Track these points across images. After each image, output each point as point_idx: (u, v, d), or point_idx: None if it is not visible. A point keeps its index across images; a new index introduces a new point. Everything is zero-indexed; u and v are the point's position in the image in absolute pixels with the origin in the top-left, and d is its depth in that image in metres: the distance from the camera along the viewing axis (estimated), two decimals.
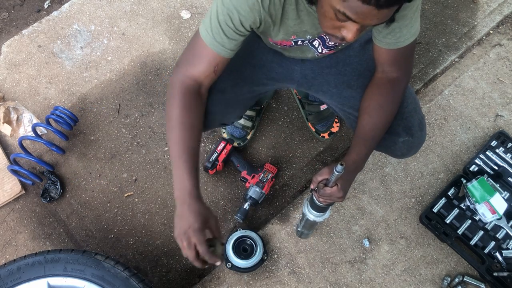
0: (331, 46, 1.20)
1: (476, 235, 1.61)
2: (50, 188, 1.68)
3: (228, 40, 1.07)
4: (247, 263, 1.52)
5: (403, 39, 1.13)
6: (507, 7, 2.17)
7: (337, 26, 0.92)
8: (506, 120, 1.89)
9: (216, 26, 1.05)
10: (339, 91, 1.37)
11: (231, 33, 1.06)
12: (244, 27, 1.05)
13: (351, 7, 0.84)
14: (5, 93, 1.88)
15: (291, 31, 1.10)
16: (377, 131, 1.21)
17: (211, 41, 1.07)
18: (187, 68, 1.12)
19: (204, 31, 1.08)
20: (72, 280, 1.24)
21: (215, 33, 1.06)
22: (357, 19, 0.86)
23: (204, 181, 1.75)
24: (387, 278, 1.58)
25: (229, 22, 1.03)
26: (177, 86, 1.12)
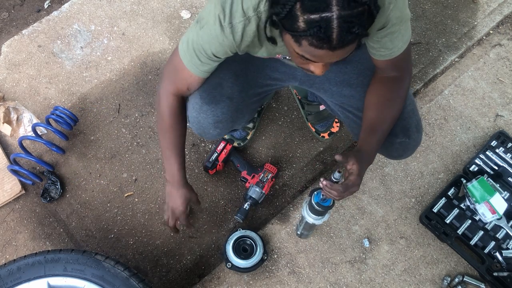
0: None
1: (476, 235, 1.61)
2: (50, 188, 1.68)
3: (202, 65, 1.16)
4: (247, 263, 1.52)
5: (396, 49, 1.14)
6: (507, 7, 2.17)
7: (304, 63, 0.96)
8: (506, 120, 1.89)
9: (191, 54, 1.14)
10: (340, 89, 1.38)
11: (205, 59, 1.14)
12: (216, 57, 1.13)
13: (307, 51, 0.87)
14: (5, 93, 1.88)
15: (273, 52, 1.15)
16: (386, 125, 1.21)
17: (188, 63, 1.16)
18: (168, 83, 1.25)
19: (182, 51, 1.16)
20: (72, 280, 1.24)
21: (191, 57, 1.15)
22: (316, 60, 0.90)
23: (204, 181, 1.75)
24: (387, 278, 1.58)
25: (203, 52, 1.11)
26: (163, 97, 1.27)
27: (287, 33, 0.89)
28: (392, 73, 1.22)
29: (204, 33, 1.07)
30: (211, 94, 1.30)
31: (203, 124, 1.33)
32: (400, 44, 1.14)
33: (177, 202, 1.37)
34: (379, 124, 1.21)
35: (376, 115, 1.21)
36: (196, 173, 1.76)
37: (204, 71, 1.19)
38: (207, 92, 1.30)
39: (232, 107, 1.31)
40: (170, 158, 1.32)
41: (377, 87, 1.24)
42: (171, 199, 1.38)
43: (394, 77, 1.22)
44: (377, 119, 1.21)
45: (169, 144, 1.31)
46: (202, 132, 1.38)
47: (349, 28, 0.81)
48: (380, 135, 1.21)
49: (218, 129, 1.35)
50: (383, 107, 1.22)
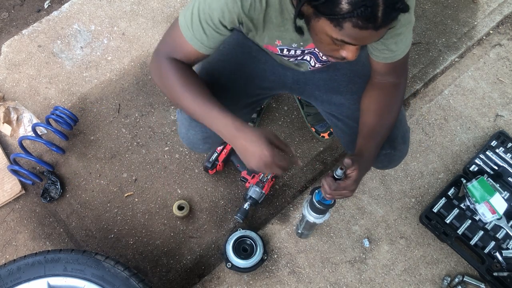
0: (324, 61, 1.21)
1: (476, 235, 1.61)
2: (50, 188, 1.68)
3: (208, 38, 1.06)
4: (247, 263, 1.52)
5: (399, 52, 1.14)
6: (507, 7, 2.17)
7: (335, 49, 0.93)
8: (506, 120, 1.89)
9: (197, 24, 1.04)
10: (329, 97, 1.39)
11: (211, 31, 1.05)
12: (223, 26, 1.04)
13: (350, 34, 0.85)
14: (5, 93, 1.88)
15: (275, 35, 1.10)
16: (384, 130, 1.20)
17: (191, 37, 1.07)
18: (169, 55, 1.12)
19: (184, 25, 1.07)
20: (72, 280, 1.24)
21: (195, 30, 1.05)
22: (356, 43, 0.88)
23: (204, 181, 1.75)
24: (387, 278, 1.58)
25: (209, 20, 1.03)
26: (164, 62, 1.11)
27: (321, 19, 0.86)
28: (390, 78, 1.22)
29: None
30: None
31: (193, 140, 1.33)
32: (403, 47, 1.14)
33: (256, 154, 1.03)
34: (378, 129, 1.19)
35: (374, 121, 1.20)
36: (196, 173, 1.76)
37: (208, 47, 1.09)
38: None
39: None
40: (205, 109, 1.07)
41: (375, 93, 1.23)
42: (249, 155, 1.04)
43: (391, 83, 1.22)
44: (375, 125, 1.20)
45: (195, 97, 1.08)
46: (192, 147, 1.38)
47: (393, 5, 0.80)
48: (378, 140, 1.19)
49: (208, 144, 1.35)
50: (381, 113, 1.21)
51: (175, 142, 1.81)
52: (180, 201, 1.67)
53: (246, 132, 1.03)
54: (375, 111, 1.21)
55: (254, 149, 1.02)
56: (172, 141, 1.82)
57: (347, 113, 1.36)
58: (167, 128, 1.84)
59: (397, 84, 1.22)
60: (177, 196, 1.72)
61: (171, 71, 1.10)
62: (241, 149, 1.05)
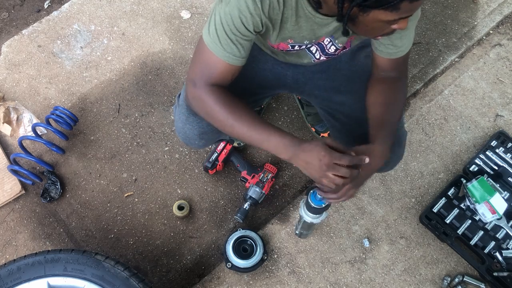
0: (331, 53, 1.21)
1: (476, 235, 1.61)
2: (50, 188, 1.68)
3: (238, 49, 1.06)
4: (247, 263, 1.52)
5: (403, 48, 1.16)
6: (507, 7, 2.17)
7: (387, 27, 0.95)
8: (506, 120, 1.89)
9: (224, 37, 1.04)
10: (329, 95, 1.39)
11: (239, 40, 1.05)
12: (249, 32, 1.04)
13: (406, 10, 0.88)
14: (5, 93, 1.88)
15: (288, 35, 1.11)
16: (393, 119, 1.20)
17: (223, 53, 1.06)
18: (206, 81, 1.10)
19: (212, 43, 1.06)
20: (72, 280, 1.24)
21: (224, 44, 1.04)
22: (411, 14, 0.91)
23: (204, 181, 1.75)
24: (387, 278, 1.58)
25: (235, 30, 1.02)
26: (208, 98, 1.10)
27: (372, 12, 0.89)
28: (392, 74, 1.23)
29: (232, 7, 1.00)
30: None
31: (189, 135, 1.33)
32: (407, 43, 1.16)
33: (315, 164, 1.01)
34: (387, 119, 1.19)
35: (383, 112, 1.19)
36: (196, 173, 1.76)
37: (241, 58, 1.08)
38: None
39: None
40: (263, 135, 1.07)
41: (379, 87, 1.24)
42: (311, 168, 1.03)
43: (394, 78, 1.23)
44: (384, 115, 1.19)
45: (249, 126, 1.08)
46: (188, 142, 1.37)
47: None
48: (389, 130, 1.18)
49: (204, 140, 1.35)
50: (388, 104, 1.21)
51: (175, 142, 1.81)
52: (180, 201, 1.67)
53: (304, 146, 1.03)
54: (382, 103, 1.21)
55: (311, 158, 1.01)
56: (172, 141, 1.82)
57: (347, 112, 1.36)
58: (167, 128, 1.84)
59: (399, 79, 1.23)
60: (177, 196, 1.72)
61: (216, 106, 1.09)
62: (303, 164, 1.04)
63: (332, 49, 1.19)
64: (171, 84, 1.93)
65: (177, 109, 1.33)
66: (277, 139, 1.06)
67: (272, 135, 1.07)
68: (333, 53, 1.21)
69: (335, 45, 1.17)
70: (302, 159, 1.04)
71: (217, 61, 1.07)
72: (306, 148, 1.03)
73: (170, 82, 1.93)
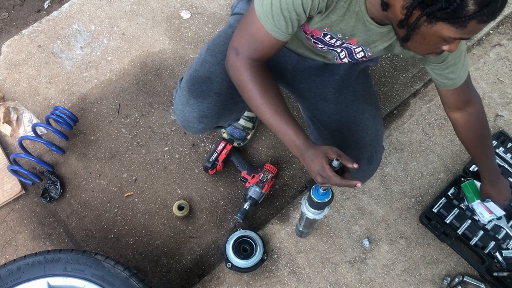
0: (357, 59, 1.23)
1: (476, 235, 1.61)
2: (50, 188, 1.68)
3: (287, 26, 1.06)
4: (247, 263, 1.52)
5: (459, 79, 1.22)
6: (507, 7, 2.17)
7: (439, 46, 0.95)
8: (506, 120, 1.89)
9: (278, 13, 1.03)
10: (316, 101, 1.41)
11: (293, 19, 1.05)
12: (304, 13, 1.04)
13: (470, 31, 0.88)
14: (5, 93, 1.88)
15: (328, 23, 1.10)
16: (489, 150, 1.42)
17: (273, 27, 1.06)
18: (250, 54, 1.12)
19: (264, 16, 1.05)
20: (72, 280, 1.24)
21: (276, 20, 1.05)
22: (471, 36, 0.91)
23: (204, 181, 1.75)
24: (387, 278, 1.58)
25: (292, 8, 1.02)
26: (246, 72, 1.12)
27: (437, 24, 0.88)
28: (462, 101, 1.28)
29: None
30: (199, 88, 1.29)
31: (188, 118, 1.32)
32: (462, 73, 1.21)
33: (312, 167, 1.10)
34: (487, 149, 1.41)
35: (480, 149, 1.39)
36: (196, 173, 1.76)
37: (287, 34, 1.08)
38: (195, 85, 1.29)
39: (219, 103, 1.29)
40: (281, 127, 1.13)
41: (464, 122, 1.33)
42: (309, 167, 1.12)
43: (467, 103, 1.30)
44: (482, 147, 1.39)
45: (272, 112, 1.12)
46: (186, 125, 1.37)
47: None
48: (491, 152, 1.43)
49: (203, 123, 1.34)
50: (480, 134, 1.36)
51: (175, 142, 1.81)
52: (180, 201, 1.67)
53: (310, 151, 1.09)
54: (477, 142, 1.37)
55: (311, 166, 1.09)
56: (172, 141, 1.82)
57: (326, 122, 1.39)
58: (167, 128, 1.84)
59: (470, 101, 1.30)
60: (177, 196, 1.72)
61: (250, 82, 1.12)
62: (307, 167, 1.12)
63: (359, 55, 1.21)
64: (171, 84, 1.93)
65: (178, 92, 1.33)
66: (291, 137, 1.12)
67: (288, 131, 1.12)
68: (358, 59, 1.23)
69: (365, 52, 1.19)
70: (305, 162, 1.12)
71: (265, 35, 1.08)
72: (310, 156, 1.09)
73: (170, 82, 1.93)
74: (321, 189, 1.19)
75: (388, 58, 2.05)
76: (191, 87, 1.29)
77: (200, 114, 1.30)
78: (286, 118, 1.12)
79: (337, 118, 1.37)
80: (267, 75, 1.15)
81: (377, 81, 1.98)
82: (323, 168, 1.07)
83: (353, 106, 1.38)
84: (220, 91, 1.27)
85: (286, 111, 1.14)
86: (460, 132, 1.37)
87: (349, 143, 1.36)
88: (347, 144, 1.36)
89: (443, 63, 1.16)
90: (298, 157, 1.13)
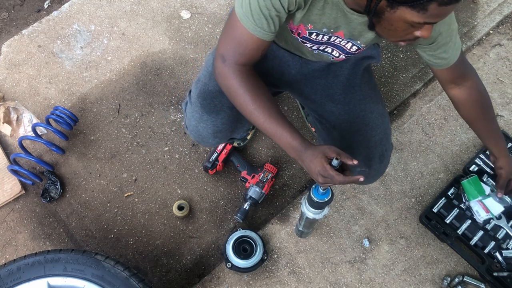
0: (351, 52, 1.22)
1: (476, 235, 1.61)
2: (50, 188, 1.68)
3: (268, 24, 1.05)
4: (247, 263, 1.52)
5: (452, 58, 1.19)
6: (507, 7, 2.17)
7: (410, 32, 0.95)
8: (506, 120, 1.89)
9: (257, 11, 1.03)
10: (323, 103, 1.40)
11: (272, 15, 1.04)
12: (283, 8, 1.03)
13: (433, 14, 0.87)
14: (5, 93, 1.88)
15: (311, 19, 1.10)
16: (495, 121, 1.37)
17: (255, 27, 1.05)
18: (236, 59, 1.11)
19: (244, 17, 1.05)
20: (72, 280, 1.24)
21: (257, 19, 1.04)
22: (438, 20, 0.90)
23: (204, 181, 1.75)
24: (387, 278, 1.58)
25: (270, 5, 1.02)
26: (235, 79, 1.11)
27: (399, 9, 0.88)
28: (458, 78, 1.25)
29: None
30: (212, 103, 1.29)
31: (202, 133, 1.33)
32: (454, 52, 1.18)
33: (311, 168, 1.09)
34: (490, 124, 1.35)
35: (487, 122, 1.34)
36: (196, 173, 1.76)
37: (270, 32, 1.07)
38: (207, 101, 1.29)
39: (232, 117, 1.30)
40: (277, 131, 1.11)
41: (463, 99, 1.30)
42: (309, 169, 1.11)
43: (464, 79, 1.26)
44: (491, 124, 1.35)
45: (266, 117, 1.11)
46: (201, 140, 1.38)
47: None
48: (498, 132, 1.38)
49: (217, 138, 1.36)
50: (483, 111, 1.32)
51: (175, 142, 1.81)
52: (180, 201, 1.67)
53: (308, 152, 1.08)
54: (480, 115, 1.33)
55: (311, 167, 1.07)
56: (172, 141, 1.82)
57: (334, 122, 1.39)
58: (167, 128, 1.84)
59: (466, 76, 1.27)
60: (177, 196, 1.72)
61: (241, 89, 1.10)
62: (307, 168, 1.10)
63: (353, 49, 1.19)
64: (171, 84, 1.93)
65: (190, 107, 1.33)
66: (287, 140, 1.10)
67: (284, 134, 1.10)
68: (355, 52, 1.21)
69: (357, 45, 1.17)
70: (304, 164, 1.10)
71: (249, 37, 1.07)
72: (309, 157, 1.07)
73: (170, 82, 1.93)
74: (321, 188, 1.19)
75: (388, 58, 2.05)
76: (203, 103, 1.29)
77: (214, 129, 1.30)
78: (280, 121, 1.11)
79: (346, 118, 1.36)
80: (257, 80, 1.13)
81: (377, 81, 1.98)
82: (324, 168, 1.05)
83: (361, 106, 1.37)
84: (232, 105, 1.27)
85: (280, 114, 1.12)
86: (461, 108, 1.33)
87: (360, 143, 1.35)
88: (358, 143, 1.35)
89: (434, 44, 1.13)
90: (296, 159, 1.12)
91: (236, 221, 1.67)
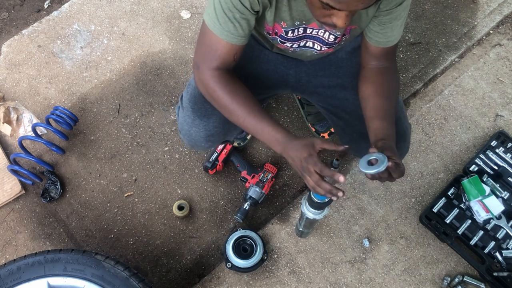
0: (331, 43, 1.20)
1: (476, 235, 1.61)
2: (50, 188, 1.68)
3: (235, 27, 1.06)
4: (247, 263, 1.52)
5: (393, 38, 1.16)
6: (507, 7, 2.17)
7: (327, 14, 0.93)
8: (506, 120, 1.89)
9: (222, 15, 1.04)
10: (334, 92, 1.38)
11: (236, 18, 1.04)
12: (246, 9, 1.04)
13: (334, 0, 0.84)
14: (5, 93, 1.88)
15: (282, 16, 1.10)
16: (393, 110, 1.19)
17: (222, 31, 1.06)
18: (209, 64, 1.12)
19: (211, 22, 1.06)
20: (72, 280, 1.24)
21: (223, 23, 1.05)
22: (342, 8, 0.87)
23: (204, 181, 1.75)
24: (387, 278, 1.58)
25: (232, 7, 1.02)
26: (211, 82, 1.12)
27: None
28: (382, 63, 1.22)
29: None
30: (203, 107, 1.29)
31: (195, 138, 1.33)
32: (397, 34, 1.16)
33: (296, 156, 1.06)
34: (389, 110, 1.17)
35: (384, 102, 1.18)
36: (196, 173, 1.76)
37: (239, 36, 1.08)
38: (198, 105, 1.29)
39: (224, 120, 1.28)
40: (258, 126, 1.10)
41: (374, 78, 1.22)
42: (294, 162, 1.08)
43: (385, 68, 1.22)
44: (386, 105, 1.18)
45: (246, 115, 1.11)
46: (194, 144, 1.37)
47: None
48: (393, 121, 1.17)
49: (210, 142, 1.35)
50: (387, 94, 1.20)
51: (175, 142, 1.81)
52: (180, 201, 1.67)
53: (294, 142, 1.06)
54: (381, 93, 1.20)
55: (295, 156, 1.05)
56: (172, 141, 1.82)
57: (351, 109, 1.36)
58: (167, 128, 1.84)
59: (389, 68, 1.23)
60: (177, 196, 1.72)
61: (220, 91, 1.11)
62: (290, 160, 1.08)
63: (331, 38, 1.18)
64: (171, 84, 1.93)
65: (182, 111, 1.33)
66: (270, 133, 1.09)
67: (266, 128, 1.09)
68: (334, 42, 1.19)
69: (333, 34, 1.15)
70: (289, 155, 1.07)
71: (217, 41, 1.08)
72: (294, 146, 1.06)
73: (170, 82, 1.93)
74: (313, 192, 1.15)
75: None
76: (195, 107, 1.29)
77: (206, 133, 1.30)
78: (261, 116, 1.10)
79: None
80: (234, 81, 1.13)
81: None
82: (311, 156, 1.02)
83: None
84: None
85: (260, 110, 1.11)
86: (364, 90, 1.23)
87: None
88: None
89: (391, 13, 1.09)
90: (281, 152, 1.09)
91: (236, 221, 1.67)
